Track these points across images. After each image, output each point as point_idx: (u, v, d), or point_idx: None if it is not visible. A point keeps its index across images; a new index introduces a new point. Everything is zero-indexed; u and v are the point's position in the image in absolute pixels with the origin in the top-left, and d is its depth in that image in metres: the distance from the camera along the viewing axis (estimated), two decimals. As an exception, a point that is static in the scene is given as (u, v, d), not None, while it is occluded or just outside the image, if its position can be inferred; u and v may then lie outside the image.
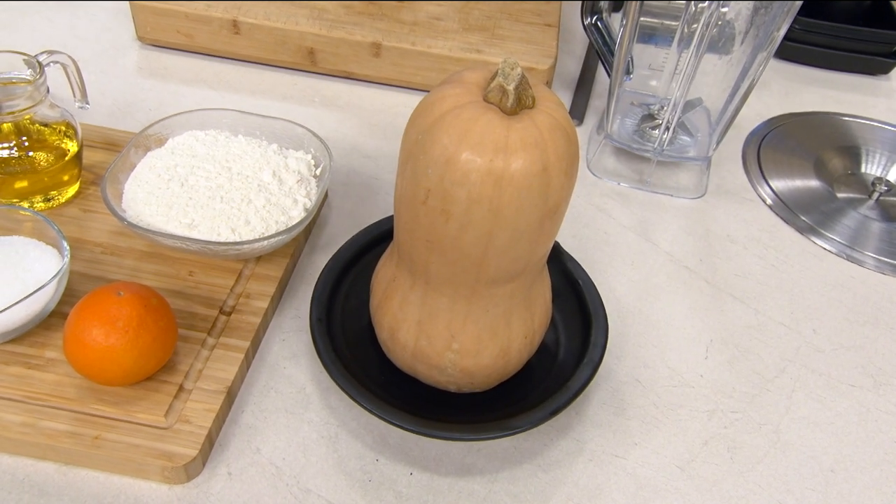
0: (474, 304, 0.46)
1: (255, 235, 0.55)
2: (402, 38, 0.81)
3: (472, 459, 0.51)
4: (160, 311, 0.48)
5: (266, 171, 0.59)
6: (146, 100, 0.78)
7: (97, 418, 0.48)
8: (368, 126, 0.79)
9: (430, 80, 0.82)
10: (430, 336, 0.47)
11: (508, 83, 0.40)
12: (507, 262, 0.43)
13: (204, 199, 0.56)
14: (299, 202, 0.58)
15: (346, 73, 0.84)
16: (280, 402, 0.53)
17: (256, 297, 0.57)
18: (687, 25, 0.72)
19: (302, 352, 0.56)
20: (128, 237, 0.59)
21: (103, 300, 0.47)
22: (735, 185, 0.77)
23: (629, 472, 0.51)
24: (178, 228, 0.54)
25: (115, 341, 0.45)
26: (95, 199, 0.62)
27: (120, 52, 0.84)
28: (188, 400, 0.49)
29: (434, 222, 0.42)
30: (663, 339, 0.60)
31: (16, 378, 0.49)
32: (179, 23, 0.81)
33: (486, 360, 0.48)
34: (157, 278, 0.57)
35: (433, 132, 0.41)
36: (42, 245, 0.53)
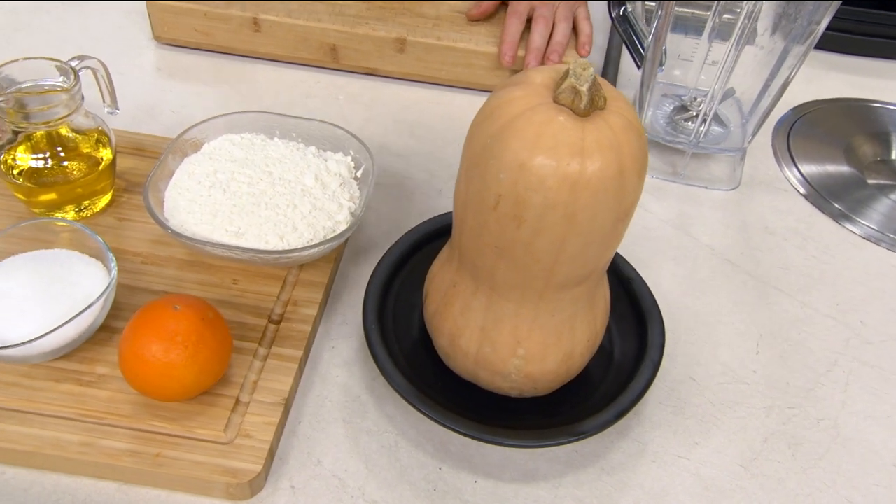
0: (541, 309, 0.45)
1: (304, 242, 0.53)
2: (426, 33, 0.79)
3: (535, 465, 0.50)
4: (216, 323, 0.47)
5: (308, 174, 0.58)
6: (168, 101, 0.76)
7: (156, 435, 0.46)
8: (395, 123, 0.78)
9: (456, 74, 0.81)
10: (495, 342, 0.47)
11: (581, 84, 0.39)
12: (577, 267, 0.43)
13: (248, 205, 0.55)
14: (344, 206, 0.57)
15: (369, 69, 0.82)
16: (336, 411, 0.52)
17: (304, 304, 0.55)
18: (718, 16, 0.71)
19: (353, 359, 0.55)
20: (167, 246, 0.58)
21: (160, 315, 0.45)
22: (767, 175, 0.77)
23: (693, 473, 0.50)
24: (225, 237, 0.53)
25: (175, 357, 0.44)
26: (130, 207, 0.61)
27: (136, 53, 0.82)
28: (246, 413, 0.48)
29: (505, 228, 0.41)
30: (713, 335, 0.60)
31: (69, 396, 0.48)
32: (197, 21, 0.79)
33: (551, 366, 0.47)
34: (202, 288, 0.55)
35: (504, 136, 0.40)
36: (86, 258, 0.52)
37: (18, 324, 0.47)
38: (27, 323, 0.47)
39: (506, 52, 0.77)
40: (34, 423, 0.46)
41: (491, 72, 0.80)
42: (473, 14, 0.81)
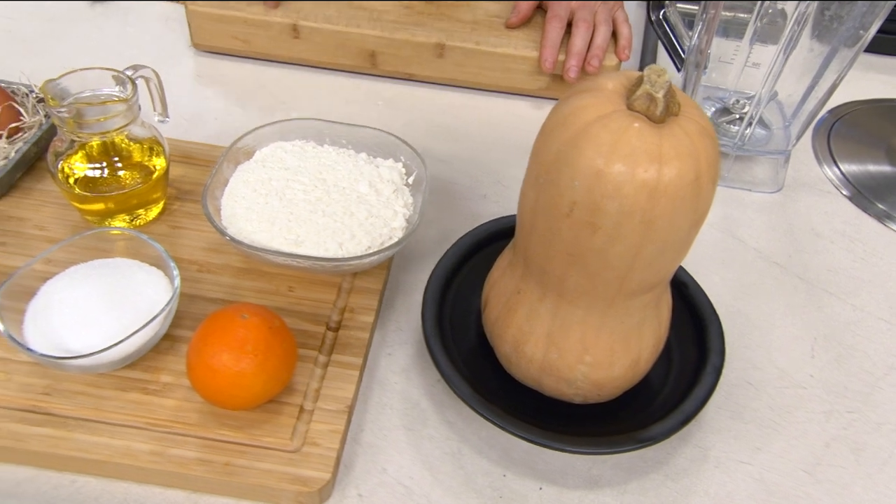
0: (610, 315, 0.45)
1: (363, 249, 0.54)
2: (465, 38, 0.79)
3: (599, 471, 0.50)
4: (283, 332, 0.47)
5: (362, 181, 0.58)
6: (210, 109, 0.76)
7: (223, 444, 0.47)
8: (436, 128, 0.78)
9: (494, 79, 0.81)
10: (561, 349, 0.46)
11: (657, 91, 0.39)
12: (651, 274, 0.43)
13: (305, 213, 0.55)
14: (399, 213, 0.57)
15: (408, 74, 0.82)
16: (397, 418, 0.52)
17: (360, 311, 0.55)
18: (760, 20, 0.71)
19: (410, 366, 0.55)
20: (221, 253, 0.58)
21: (228, 324, 0.45)
22: (810, 177, 0.77)
23: (756, 479, 0.50)
24: (285, 245, 0.53)
25: (245, 366, 0.44)
26: (182, 215, 0.61)
27: (175, 60, 0.82)
28: (311, 421, 0.48)
29: (578, 235, 0.41)
30: (767, 339, 0.60)
31: (136, 405, 0.48)
32: (237, 28, 0.80)
33: (618, 372, 0.47)
34: (259, 296, 0.56)
35: (578, 144, 0.40)
36: (146, 266, 0.52)
37: (85, 333, 0.47)
38: (94, 333, 0.47)
39: (546, 56, 0.77)
40: (104, 432, 0.46)
41: (530, 76, 0.80)
42: (512, 21, 0.81)
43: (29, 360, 0.49)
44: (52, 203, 0.60)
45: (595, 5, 0.80)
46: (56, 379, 0.48)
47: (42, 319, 0.48)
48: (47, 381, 0.48)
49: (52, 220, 0.59)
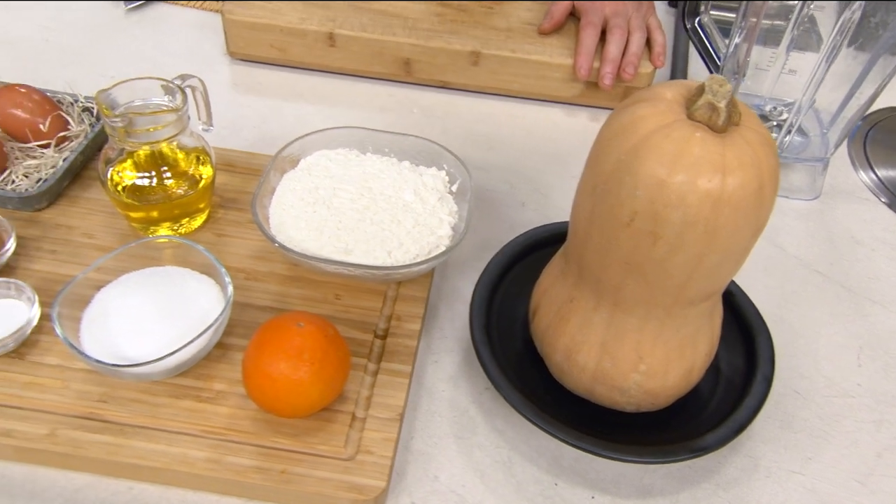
0: (666, 324, 0.45)
1: (411, 257, 0.54)
2: (500, 46, 0.80)
3: (650, 480, 0.50)
4: (337, 340, 0.47)
5: (407, 190, 0.58)
6: (247, 116, 0.77)
7: (279, 451, 0.47)
8: (472, 136, 0.78)
9: (529, 86, 0.81)
10: (615, 358, 0.46)
11: (719, 100, 0.39)
12: (710, 283, 0.43)
13: (353, 221, 0.55)
14: (444, 221, 0.57)
15: (442, 82, 0.82)
16: (446, 426, 0.52)
17: (407, 319, 0.56)
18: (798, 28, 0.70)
19: (457, 374, 0.55)
20: (267, 261, 0.58)
21: (284, 332, 0.46)
22: (847, 184, 0.76)
23: (809, 489, 0.50)
24: (335, 253, 0.53)
25: (303, 374, 0.44)
26: (226, 223, 0.61)
27: (211, 68, 0.83)
28: (364, 429, 0.48)
29: (638, 245, 0.41)
30: (812, 348, 0.59)
31: (190, 412, 0.48)
32: (273, 37, 0.80)
33: (672, 381, 0.47)
34: (307, 303, 0.56)
35: (639, 153, 0.40)
36: (196, 274, 0.53)
37: (141, 341, 0.48)
38: (149, 341, 0.48)
39: (582, 63, 0.77)
40: (160, 439, 0.46)
41: (565, 83, 0.81)
42: (545, 28, 0.81)
43: (84, 368, 0.49)
44: (99, 211, 0.61)
45: (629, 12, 0.80)
46: (111, 386, 0.49)
47: (98, 327, 0.48)
48: (103, 388, 0.49)
49: (100, 228, 0.59)
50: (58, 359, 0.50)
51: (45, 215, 0.60)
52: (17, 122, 0.61)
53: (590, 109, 0.83)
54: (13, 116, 0.60)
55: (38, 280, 0.54)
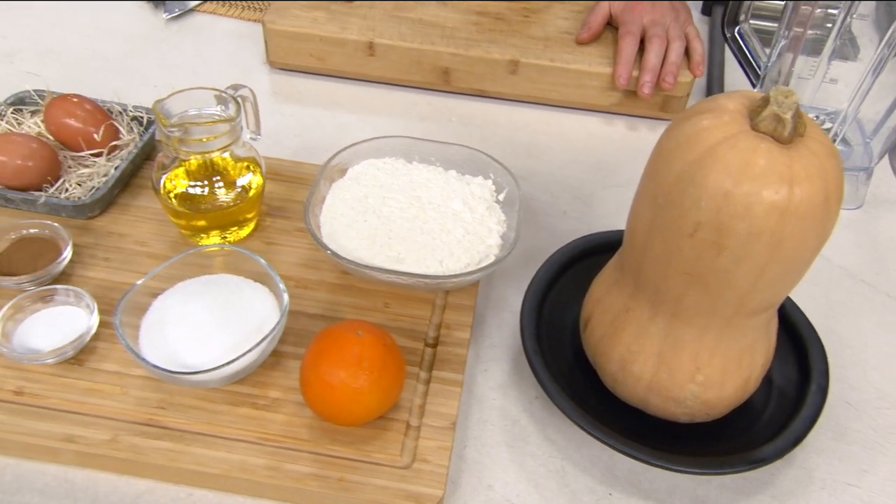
0: (725, 335, 0.45)
1: (462, 266, 0.54)
2: (539, 55, 0.80)
3: (704, 491, 0.50)
4: (394, 349, 0.47)
5: (455, 199, 0.58)
6: (288, 125, 0.78)
7: (336, 459, 0.47)
8: (511, 145, 0.78)
9: (567, 95, 0.81)
10: (672, 368, 0.46)
11: (784, 112, 0.39)
12: (772, 294, 0.42)
13: (404, 230, 0.56)
14: (493, 230, 0.57)
15: (480, 91, 0.83)
16: (498, 435, 0.52)
17: (456, 327, 0.56)
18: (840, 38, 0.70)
19: (507, 382, 0.55)
20: (316, 269, 0.59)
21: (343, 341, 0.46)
22: (891, 193, 0.76)
23: (866, 502, 0.50)
24: (387, 262, 0.53)
25: (362, 383, 0.45)
26: (274, 231, 0.62)
27: (251, 77, 0.84)
28: (419, 438, 0.49)
29: (701, 255, 0.41)
30: (861, 358, 0.59)
31: (248, 419, 0.48)
32: (313, 46, 0.81)
33: (729, 392, 0.47)
34: (357, 311, 0.56)
35: (704, 164, 0.40)
36: (251, 282, 0.53)
37: (199, 349, 0.48)
38: (207, 348, 0.48)
39: (621, 72, 0.77)
40: (220, 446, 0.47)
41: (603, 92, 0.81)
42: (583, 38, 0.81)
43: (142, 375, 0.50)
44: (149, 219, 0.61)
45: (667, 21, 0.80)
46: (169, 393, 0.49)
47: (156, 334, 0.49)
48: (161, 395, 0.49)
49: (151, 235, 0.60)
50: (116, 365, 0.51)
51: (97, 223, 0.61)
52: (71, 131, 0.61)
53: (627, 118, 0.83)
54: (67, 126, 0.61)
55: (92, 287, 0.55)
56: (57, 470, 0.47)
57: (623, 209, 0.72)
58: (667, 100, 0.81)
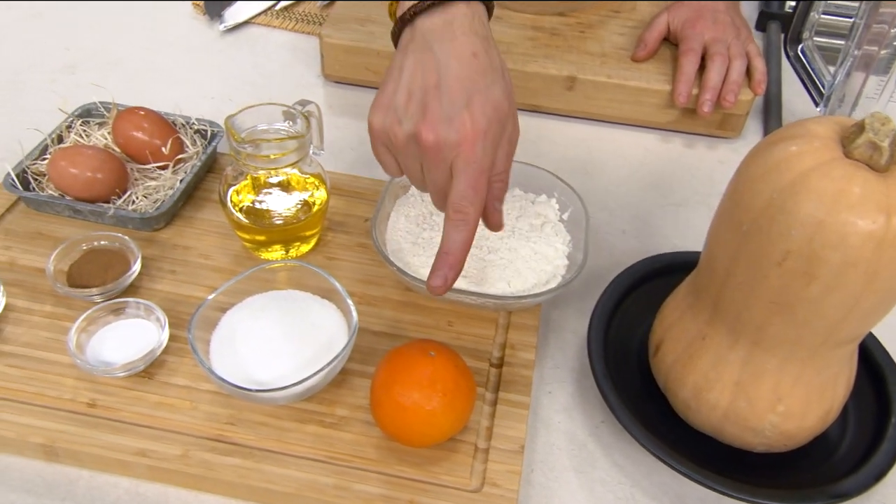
0: (809, 365, 0.44)
1: (529, 286, 0.53)
2: (596, 71, 0.79)
3: (779, 523, 0.48)
4: (466, 371, 0.47)
5: (521, 218, 0.58)
6: (345, 139, 0.78)
7: (404, 480, 0.47)
8: (566, 161, 0.78)
9: (624, 112, 0.81)
10: (751, 398, 0.45)
11: (881, 139, 0.38)
12: (863, 325, 0.41)
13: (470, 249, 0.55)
14: (559, 250, 0.57)
15: (534, 106, 0.82)
16: (565, 459, 0.51)
17: (520, 347, 0.55)
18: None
19: (572, 405, 0.55)
20: (378, 286, 0.59)
21: (416, 361, 0.46)
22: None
23: (948, 539, 0.48)
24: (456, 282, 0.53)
25: (435, 405, 0.44)
26: (336, 247, 0.62)
27: (306, 90, 0.84)
28: (487, 461, 0.48)
29: (789, 284, 0.40)
30: (937, 389, 0.57)
31: (315, 437, 0.48)
32: (370, 60, 0.81)
33: (810, 423, 0.46)
34: (420, 329, 0.56)
35: (796, 191, 0.39)
36: (318, 298, 0.53)
37: (270, 365, 0.48)
38: (278, 365, 0.48)
39: (681, 90, 0.76)
40: (289, 464, 0.47)
41: (660, 109, 0.80)
42: (640, 56, 0.80)
43: (211, 390, 0.50)
44: (213, 232, 0.62)
45: (728, 39, 0.79)
46: (237, 409, 0.49)
47: (227, 350, 0.49)
48: (230, 410, 0.49)
49: (215, 248, 0.60)
50: (185, 379, 0.51)
51: (162, 235, 0.61)
52: (138, 143, 0.62)
53: (685, 136, 0.82)
54: (134, 139, 0.62)
55: (159, 300, 0.55)
56: (129, 483, 0.47)
57: (682, 229, 0.71)
58: (726, 118, 0.80)
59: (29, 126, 0.72)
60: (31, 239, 0.59)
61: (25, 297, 0.55)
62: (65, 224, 0.61)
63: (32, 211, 0.61)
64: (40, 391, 0.49)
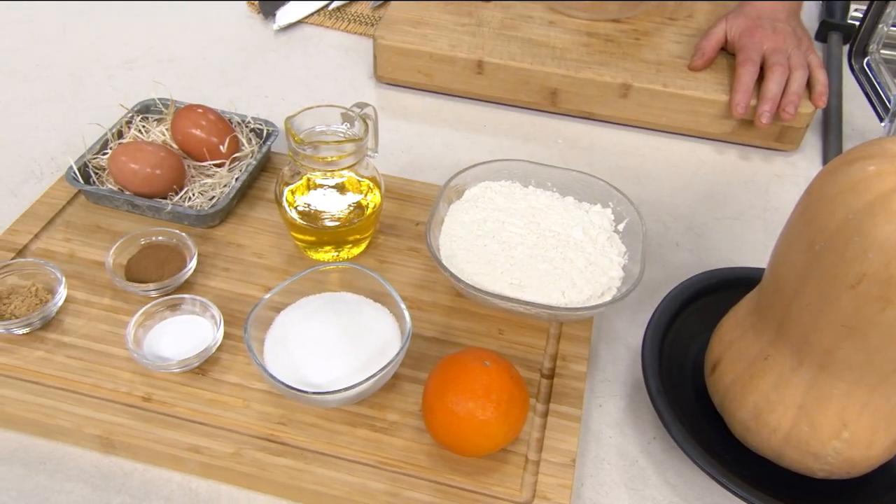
0: (878, 392, 0.42)
1: (584, 298, 0.53)
2: (652, 79, 0.78)
3: (838, 552, 0.47)
4: (520, 382, 0.46)
5: (576, 227, 0.57)
6: (396, 141, 0.78)
7: (454, 489, 0.46)
8: (619, 169, 0.77)
9: (678, 121, 0.79)
10: (815, 422, 0.44)
11: (968, 162, 0.37)
12: (939, 353, 0.40)
13: (524, 257, 0.55)
14: (615, 261, 0.56)
15: (587, 113, 0.82)
16: (616, 475, 0.50)
17: (572, 359, 0.55)
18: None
19: (623, 420, 0.54)
20: (429, 290, 0.59)
21: (471, 370, 0.45)
22: None
23: None
24: (507, 289, 0.53)
25: (490, 415, 0.44)
26: (387, 250, 0.62)
27: (358, 91, 0.84)
28: (538, 473, 0.47)
29: (863, 308, 0.39)
30: None
31: (366, 441, 0.48)
32: (422, 63, 0.81)
33: (876, 451, 0.44)
34: (471, 336, 0.56)
35: (874, 213, 0.38)
36: (371, 302, 0.53)
37: (323, 367, 0.48)
38: (332, 367, 0.48)
39: (739, 100, 0.74)
40: (340, 467, 0.47)
41: (716, 120, 0.78)
42: (697, 65, 0.79)
43: (263, 389, 0.51)
44: (266, 231, 0.62)
45: (789, 49, 0.77)
46: (289, 409, 0.50)
47: (281, 350, 0.49)
48: (281, 410, 0.49)
49: (268, 247, 0.61)
50: (238, 377, 0.51)
51: (216, 232, 0.62)
52: (196, 141, 0.63)
53: (740, 147, 0.80)
54: (192, 136, 0.63)
55: (213, 296, 0.56)
56: (181, 478, 0.48)
57: (737, 243, 0.70)
58: (784, 130, 0.78)
59: (89, 121, 0.73)
60: (90, 232, 0.60)
61: (85, 290, 0.56)
62: (123, 218, 0.62)
63: (92, 204, 0.63)
64: (97, 383, 0.50)
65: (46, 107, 0.77)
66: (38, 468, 0.48)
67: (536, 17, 0.85)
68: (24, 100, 0.78)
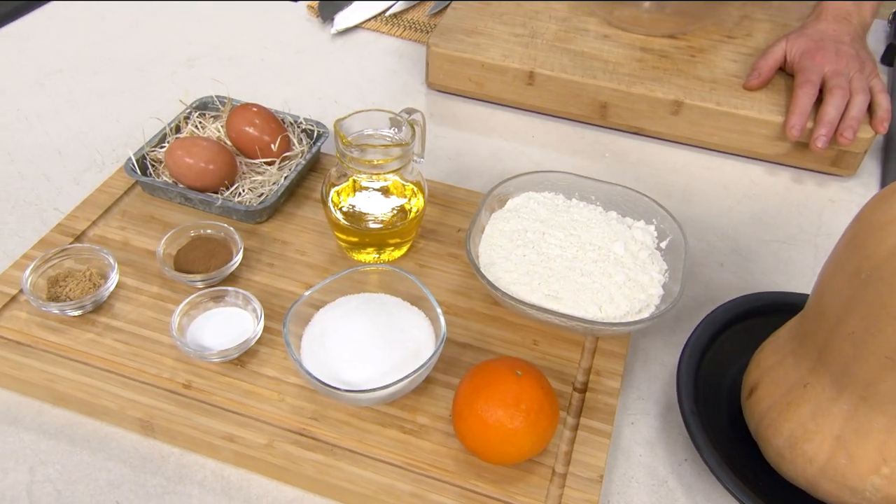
0: (922, 429, 0.41)
1: (621, 313, 0.52)
2: (704, 97, 0.77)
3: (872, 592, 0.45)
4: (551, 393, 0.46)
5: (617, 242, 0.57)
6: (443, 147, 0.79)
7: (479, 496, 0.47)
8: (666, 186, 0.76)
9: (730, 141, 0.78)
10: (853, 455, 0.43)
11: None
12: None
13: (563, 269, 0.55)
14: (655, 279, 0.55)
15: (637, 128, 0.81)
16: (644, 495, 0.50)
17: (606, 374, 0.54)
18: None
19: (655, 439, 0.53)
20: (466, 297, 0.59)
21: (502, 379, 0.46)
22: None
23: None
24: (545, 300, 0.53)
25: (519, 424, 0.44)
26: (427, 255, 0.63)
27: (409, 97, 0.85)
28: (564, 486, 0.47)
29: (909, 341, 0.38)
30: None
31: (395, 442, 0.49)
32: (474, 71, 0.82)
33: (917, 490, 0.43)
34: (505, 345, 0.56)
35: (925, 243, 0.36)
36: (408, 304, 0.54)
37: (358, 366, 0.49)
38: (367, 367, 0.49)
39: (795, 123, 0.73)
40: (368, 465, 0.47)
41: (770, 141, 0.77)
42: (752, 84, 0.77)
43: (298, 383, 0.52)
44: (310, 230, 0.64)
45: (850, 73, 0.75)
46: (322, 405, 0.51)
47: (318, 347, 0.50)
48: (314, 406, 0.50)
49: (312, 246, 0.62)
50: (275, 371, 0.52)
51: (263, 228, 0.63)
52: (249, 139, 0.65)
53: (794, 170, 0.78)
54: (246, 134, 0.65)
55: (256, 291, 0.57)
56: (215, 465, 0.49)
57: (784, 267, 0.68)
58: (840, 155, 0.76)
59: (151, 115, 0.76)
60: (144, 222, 0.63)
61: (136, 277, 0.58)
62: (175, 210, 0.64)
63: (147, 195, 0.65)
64: (142, 367, 0.52)
65: (112, 100, 0.81)
66: (83, 445, 0.50)
67: (592, 30, 0.84)
68: (92, 93, 0.82)
